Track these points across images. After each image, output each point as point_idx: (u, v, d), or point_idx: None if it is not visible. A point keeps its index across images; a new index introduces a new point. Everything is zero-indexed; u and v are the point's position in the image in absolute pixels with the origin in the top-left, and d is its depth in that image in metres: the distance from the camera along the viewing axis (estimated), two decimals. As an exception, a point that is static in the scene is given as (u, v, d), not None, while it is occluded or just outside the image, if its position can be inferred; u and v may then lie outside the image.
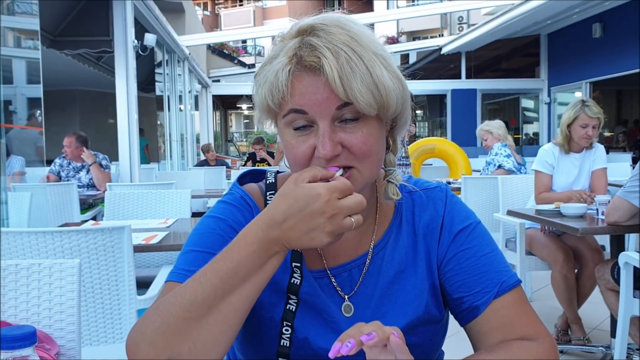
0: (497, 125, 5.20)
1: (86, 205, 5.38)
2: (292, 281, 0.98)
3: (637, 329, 2.66)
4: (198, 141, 13.58)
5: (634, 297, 2.58)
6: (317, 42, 0.85)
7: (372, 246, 1.03)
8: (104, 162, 5.66)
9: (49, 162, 5.88)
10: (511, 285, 0.98)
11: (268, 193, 1.07)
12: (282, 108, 0.89)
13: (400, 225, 1.04)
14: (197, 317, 0.79)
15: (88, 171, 5.65)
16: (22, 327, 0.55)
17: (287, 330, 0.97)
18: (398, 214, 1.05)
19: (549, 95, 13.26)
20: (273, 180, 1.09)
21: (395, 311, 0.99)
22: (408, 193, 1.07)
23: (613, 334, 2.98)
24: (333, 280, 1.01)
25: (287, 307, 0.98)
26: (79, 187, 5.45)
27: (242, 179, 1.11)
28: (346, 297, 1.00)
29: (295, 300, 0.99)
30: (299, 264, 0.99)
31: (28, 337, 0.55)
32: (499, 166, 4.95)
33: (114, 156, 6.32)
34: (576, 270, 3.40)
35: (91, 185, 5.67)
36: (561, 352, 3.37)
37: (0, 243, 1.93)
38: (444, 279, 1.01)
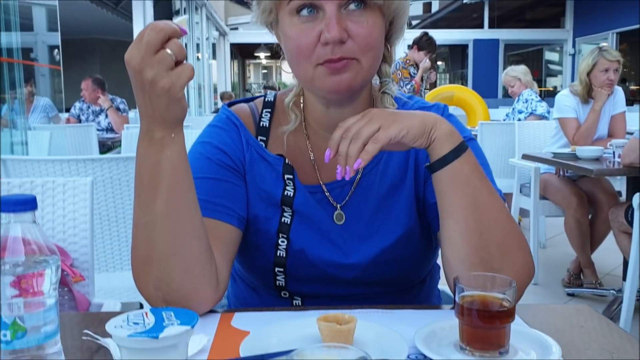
0: (524, 72, 4.94)
1: (105, 148, 5.45)
2: (285, 193, 1.00)
3: (649, 270, 2.67)
4: (215, 91, 13.54)
5: (647, 238, 2.57)
6: None
7: None
8: (121, 106, 5.70)
9: (68, 110, 5.95)
10: None
11: (264, 110, 1.08)
12: None
13: None
14: (151, 232, 0.83)
15: (107, 115, 5.70)
16: (23, 194, 0.58)
17: (283, 242, 1.00)
18: None
19: (573, 46, 12.92)
20: (272, 99, 1.10)
21: (389, 224, 1.01)
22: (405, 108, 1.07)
23: (625, 278, 2.99)
24: (327, 194, 1.02)
25: (282, 220, 1.00)
26: (98, 130, 5.51)
27: (233, 102, 1.12)
28: (338, 206, 1.02)
29: (290, 213, 1.01)
30: (291, 176, 1.01)
31: (29, 202, 0.57)
32: (532, 113, 4.74)
33: (133, 104, 6.35)
34: (591, 215, 3.39)
35: (110, 129, 5.73)
36: (572, 295, 3.40)
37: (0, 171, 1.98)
38: (426, 186, 1.02)
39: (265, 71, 27.73)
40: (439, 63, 18.86)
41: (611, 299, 3.19)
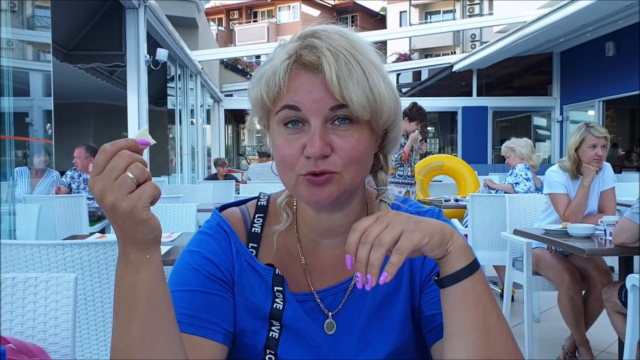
0: (522, 144, 4.97)
1: (95, 217, 5.41)
2: (274, 306, 0.96)
3: (645, 352, 2.62)
4: (209, 155, 13.63)
5: (641, 320, 2.54)
6: (319, 43, 0.86)
7: None
8: (113, 175, 5.68)
9: (61, 174, 5.95)
10: None
11: (257, 215, 1.05)
12: (277, 104, 0.89)
13: None
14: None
15: (98, 184, 5.68)
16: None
17: (270, 358, 0.95)
18: None
19: (561, 113, 13.20)
20: (265, 203, 1.07)
21: (383, 336, 0.97)
22: None
23: (621, 358, 2.94)
24: (319, 302, 0.99)
25: (270, 335, 0.96)
26: (89, 199, 5.48)
27: (225, 206, 1.08)
28: (330, 314, 0.98)
29: (278, 327, 0.97)
30: (281, 288, 0.97)
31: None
32: (514, 188, 4.81)
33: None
34: (584, 292, 3.35)
35: (101, 198, 5.69)
36: (568, 374, 3.32)
37: (0, 256, 1.95)
38: (422, 296, 0.99)
39: (259, 135, 27.99)
40: (429, 128, 19.15)
41: (608, 379, 3.13)
